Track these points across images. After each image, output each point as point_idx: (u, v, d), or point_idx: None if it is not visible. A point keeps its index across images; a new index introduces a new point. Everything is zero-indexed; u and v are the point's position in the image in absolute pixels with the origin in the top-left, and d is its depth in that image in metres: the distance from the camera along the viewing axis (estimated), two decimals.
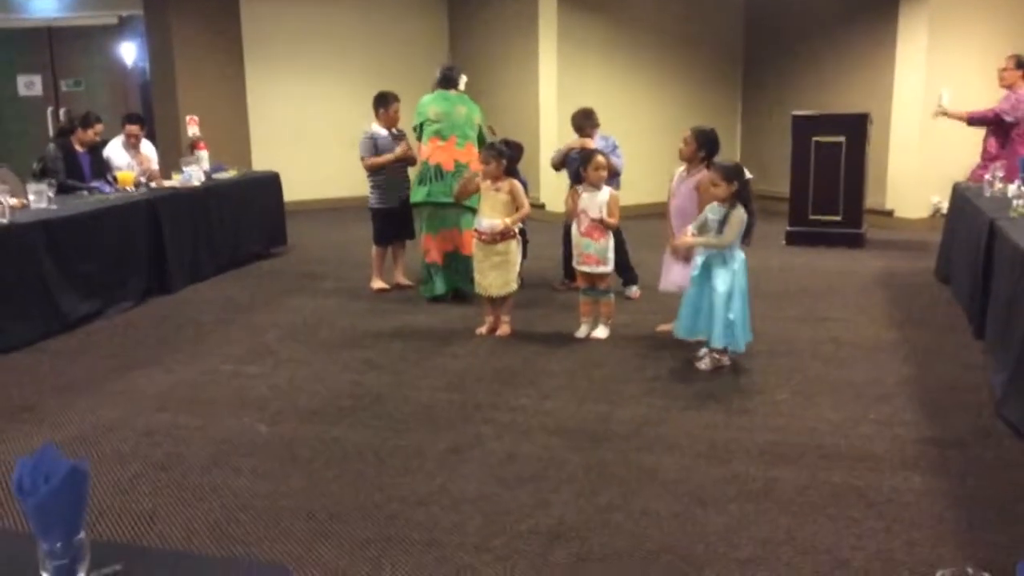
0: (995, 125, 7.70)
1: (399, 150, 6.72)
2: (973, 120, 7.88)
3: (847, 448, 3.84)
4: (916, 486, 3.48)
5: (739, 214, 4.74)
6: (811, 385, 4.65)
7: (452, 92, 6.48)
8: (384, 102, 6.83)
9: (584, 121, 6.50)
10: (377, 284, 6.98)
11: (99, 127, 7.45)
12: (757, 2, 10.93)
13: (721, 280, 4.77)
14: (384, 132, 6.81)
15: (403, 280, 7.03)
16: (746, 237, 4.88)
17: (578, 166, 5.78)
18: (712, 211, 4.83)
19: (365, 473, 3.66)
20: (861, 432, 4.01)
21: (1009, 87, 7.67)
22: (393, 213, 6.85)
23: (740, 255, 4.84)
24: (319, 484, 3.56)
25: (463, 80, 6.59)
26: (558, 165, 6.71)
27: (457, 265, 6.38)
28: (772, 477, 3.56)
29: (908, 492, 3.42)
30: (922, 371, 4.88)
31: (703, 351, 4.97)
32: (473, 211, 5.84)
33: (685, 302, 4.96)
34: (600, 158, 5.45)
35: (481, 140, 6.44)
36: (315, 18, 11.12)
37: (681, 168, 5.44)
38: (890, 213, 9.38)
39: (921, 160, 9.10)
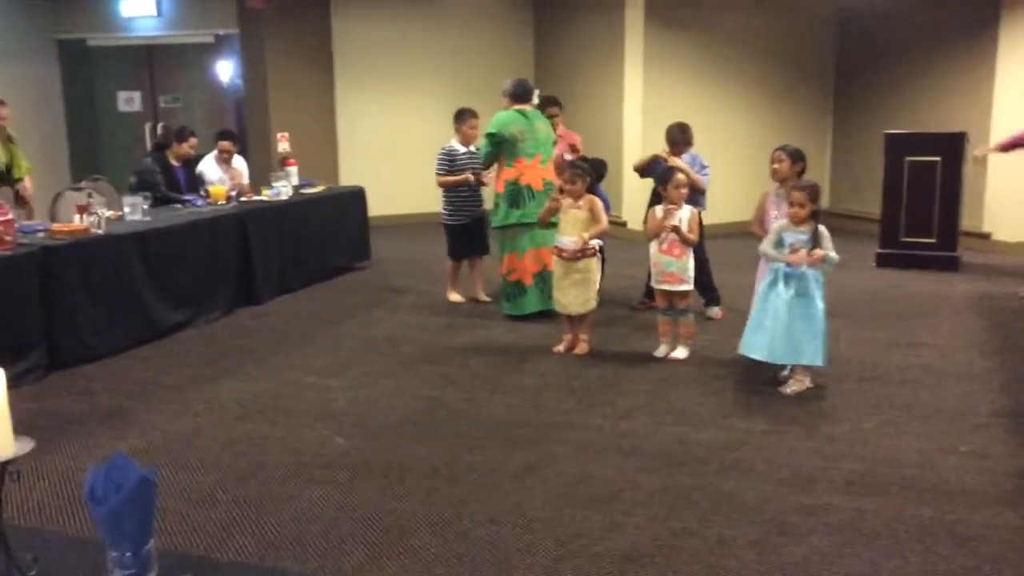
0: None
1: (461, 177, 6.75)
2: (1005, 146, 7.44)
3: (937, 481, 3.68)
4: (1010, 522, 3.31)
5: (825, 229, 4.67)
6: (900, 413, 4.48)
7: (528, 108, 6.44)
8: (460, 118, 6.90)
9: (679, 136, 6.37)
10: (453, 296, 7.06)
11: (193, 140, 7.69)
12: (851, 17, 10.66)
13: (819, 297, 4.66)
14: (462, 149, 6.87)
15: (482, 296, 7.06)
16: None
17: (657, 185, 5.71)
18: (788, 232, 4.71)
19: (438, 489, 3.66)
20: (952, 464, 3.84)
21: None
22: (464, 229, 6.92)
23: (812, 272, 4.70)
24: (392, 498, 3.57)
25: (536, 93, 6.56)
26: (640, 170, 6.56)
27: (548, 284, 6.23)
28: (856, 508, 3.43)
29: (1001, 529, 3.26)
30: (1018, 401, 4.66)
31: (785, 374, 4.85)
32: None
33: (762, 324, 4.79)
34: (681, 176, 5.38)
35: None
36: (403, 35, 11.29)
37: (775, 187, 5.29)
38: (987, 236, 9.02)
39: (1021, 181, 8.72)
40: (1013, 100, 8.70)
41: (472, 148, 6.92)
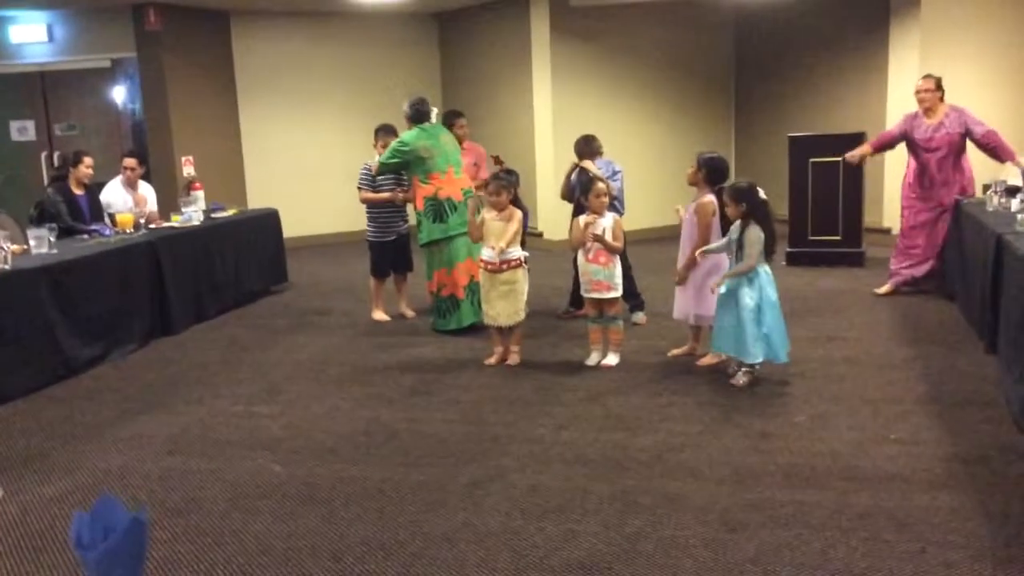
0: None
1: (387, 195, 6.75)
2: (876, 147, 7.57)
3: (872, 469, 3.80)
4: (946, 504, 3.43)
5: (753, 233, 4.80)
6: (829, 406, 4.61)
7: (428, 125, 6.49)
8: (382, 134, 6.88)
9: (584, 147, 6.47)
10: (377, 315, 7.01)
11: (88, 160, 7.36)
12: (748, 23, 11.01)
13: (747, 295, 4.80)
14: None
15: (408, 312, 7.04)
16: (768, 254, 4.91)
17: (579, 195, 5.78)
18: (735, 232, 4.88)
19: (386, 511, 3.60)
20: (884, 452, 3.98)
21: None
22: (388, 246, 6.89)
23: (764, 268, 4.86)
24: (340, 524, 3.50)
25: (434, 112, 6.64)
26: (566, 196, 6.63)
27: (478, 295, 6.24)
28: (800, 501, 3.51)
29: (939, 511, 3.38)
30: (937, 388, 4.85)
31: (737, 368, 4.99)
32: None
33: (720, 322, 5.01)
34: (600, 185, 5.45)
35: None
36: (307, 54, 11.16)
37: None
38: (888, 231, 9.38)
39: None
40: (905, 100, 9.07)
41: None
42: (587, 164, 6.26)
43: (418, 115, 6.49)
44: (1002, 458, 3.86)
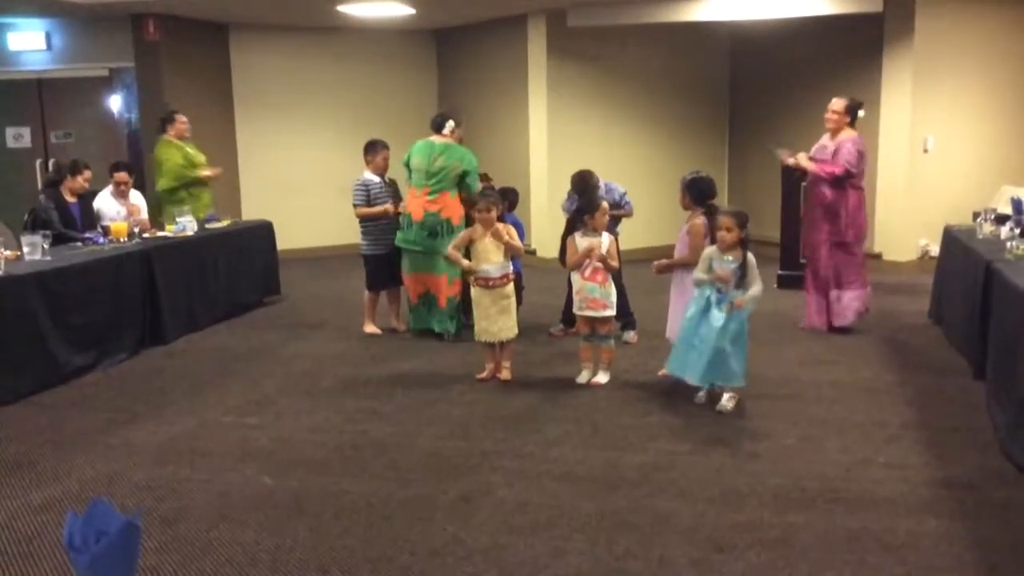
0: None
1: (381, 208, 6.84)
2: (814, 170, 6.72)
3: (859, 492, 3.82)
4: (932, 530, 3.45)
5: (752, 258, 4.83)
6: (817, 428, 4.64)
7: (437, 139, 6.61)
8: (372, 150, 6.99)
9: (583, 185, 6.43)
10: (369, 328, 7.05)
11: (87, 173, 7.41)
12: (742, 50, 11.10)
13: (718, 320, 4.81)
14: (376, 179, 6.91)
15: (399, 325, 7.08)
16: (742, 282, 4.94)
17: (575, 213, 5.81)
18: (718, 259, 4.87)
19: (374, 524, 3.60)
20: (871, 475, 4.00)
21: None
22: (383, 259, 6.94)
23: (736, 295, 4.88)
24: (328, 537, 3.50)
25: (448, 125, 6.67)
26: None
27: (429, 307, 6.76)
28: (788, 523, 3.52)
29: (925, 536, 3.40)
30: (925, 412, 4.88)
31: (706, 397, 4.99)
32: (444, 257, 6.04)
33: (684, 343, 4.99)
34: (606, 204, 5.49)
35: (470, 187, 6.56)
36: (305, 68, 11.20)
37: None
38: (879, 256, 9.45)
39: (908, 203, 9.21)
40: (898, 126, 9.19)
41: (388, 179, 7.02)
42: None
43: (432, 125, 6.76)
44: (988, 484, 3.88)
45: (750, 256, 4.87)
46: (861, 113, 6.83)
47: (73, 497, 3.91)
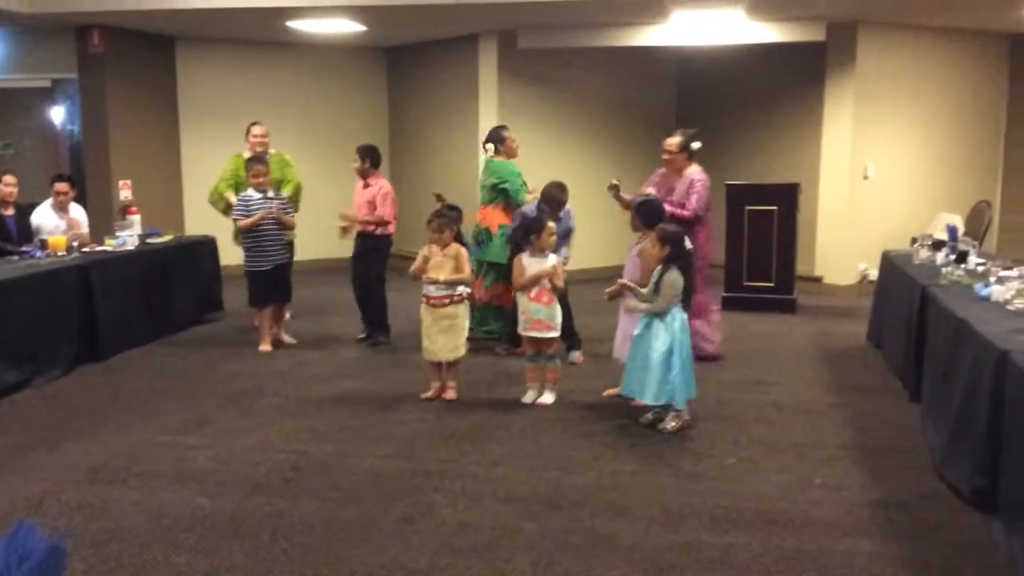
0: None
1: (253, 218, 6.77)
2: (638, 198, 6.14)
3: (797, 513, 3.86)
4: (867, 550, 3.51)
5: (671, 277, 4.87)
6: (757, 449, 4.69)
7: (488, 158, 7.19)
8: (247, 167, 7.06)
9: (561, 194, 6.56)
10: (263, 347, 7.01)
11: (8, 179, 7.21)
12: (688, 74, 11.26)
13: (660, 339, 4.85)
14: (256, 195, 6.88)
15: (288, 339, 7.22)
16: (684, 302, 4.98)
17: (521, 234, 5.83)
18: (656, 275, 4.94)
19: (313, 546, 3.54)
20: (809, 496, 4.05)
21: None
22: (263, 275, 6.90)
23: (679, 315, 4.92)
24: (265, 560, 3.43)
25: (489, 148, 7.18)
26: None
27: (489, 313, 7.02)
28: (727, 543, 3.55)
29: (860, 556, 3.45)
30: (862, 434, 4.97)
31: (653, 417, 5.02)
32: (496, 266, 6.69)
33: (630, 364, 5.02)
34: (552, 224, 5.51)
35: (490, 199, 7.09)
36: (253, 83, 11.09)
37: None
38: (819, 279, 9.63)
39: (848, 229, 9.41)
40: (839, 152, 9.40)
41: (270, 193, 6.96)
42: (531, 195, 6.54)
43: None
44: (922, 505, 3.95)
45: (669, 274, 4.89)
46: (695, 146, 6.72)
47: (0, 518, 3.79)
